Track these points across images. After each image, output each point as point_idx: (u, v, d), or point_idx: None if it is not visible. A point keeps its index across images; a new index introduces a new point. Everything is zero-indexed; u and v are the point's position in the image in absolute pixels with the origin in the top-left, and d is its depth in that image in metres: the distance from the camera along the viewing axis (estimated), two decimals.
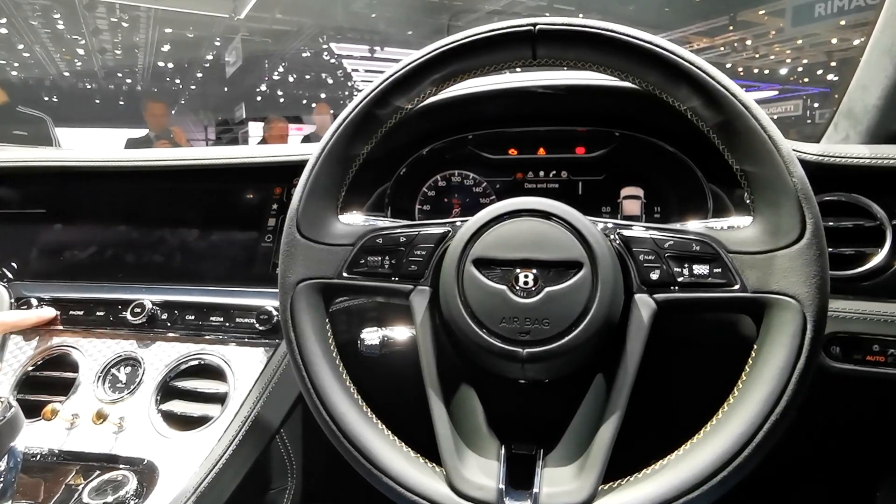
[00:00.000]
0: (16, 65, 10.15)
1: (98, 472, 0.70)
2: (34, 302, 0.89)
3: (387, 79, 0.59)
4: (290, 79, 12.22)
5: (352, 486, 0.68)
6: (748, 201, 0.54)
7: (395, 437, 0.56)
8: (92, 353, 0.85)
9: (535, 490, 0.50)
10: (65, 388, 0.82)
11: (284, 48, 10.45)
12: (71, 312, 0.88)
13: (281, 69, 11.67)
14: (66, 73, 11.57)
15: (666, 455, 0.51)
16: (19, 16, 8.35)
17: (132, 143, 3.96)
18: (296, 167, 0.62)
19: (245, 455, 0.76)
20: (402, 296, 0.57)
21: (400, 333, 0.71)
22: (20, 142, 2.67)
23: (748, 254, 0.51)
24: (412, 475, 0.52)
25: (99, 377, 0.82)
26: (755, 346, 0.51)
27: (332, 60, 11.10)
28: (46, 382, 0.83)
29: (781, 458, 0.58)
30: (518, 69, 0.61)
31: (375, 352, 0.70)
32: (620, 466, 0.52)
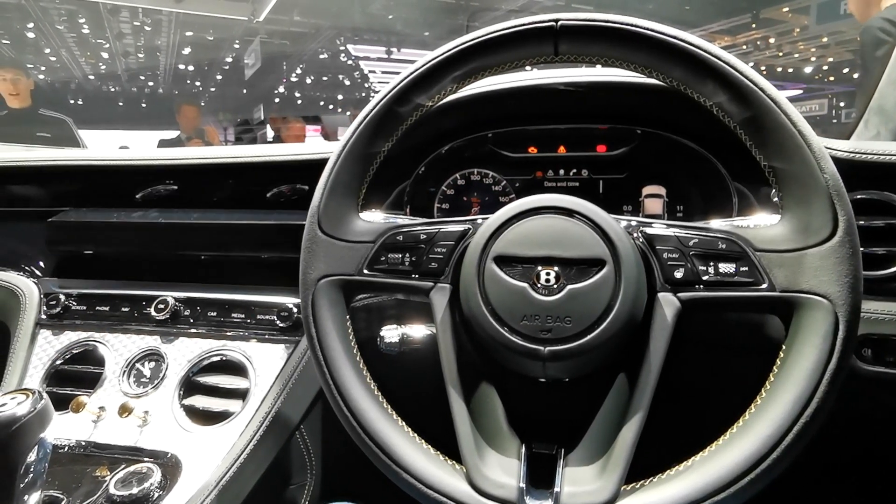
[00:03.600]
0: (43, 68, 10.43)
1: (124, 464, 0.71)
2: (62, 297, 0.91)
3: (408, 76, 0.59)
4: (308, 80, 12.35)
5: (371, 483, 0.69)
6: (776, 199, 0.53)
7: (416, 435, 0.56)
8: (117, 347, 0.86)
9: (557, 489, 0.50)
10: (91, 381, 0.83)
11: (302, 50, 10.57)
12: (97, 308, 0.90)
13: (299, 71, 11.81)
14: (91, 77, 11.86)
15: (690, 457, 0.50)
16: (46, 21, 8.58)
17: (164, 145, 4.09)
18: (317, 165, 0.62)
19: (266, 450, 0.77)
20: (422, 293, 0.57)
21: (419, 331, 0.71)
22: (44, 143, 2.75)
23: (777, 252, 0.50)
24: (433, 472, 0.52)
25: (124, 372, 0.84)
26: (783, 347, 0.50)
27: (349, 62, 11.19)
28: (74, 376, 0.85)
29: (810, 462, 0.57)
30: (539, 66, 0.61)
31: (395, 349, 0.71)
32: (643, 467, 0.51)
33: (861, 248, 0.49)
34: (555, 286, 0.51)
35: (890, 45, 1.79)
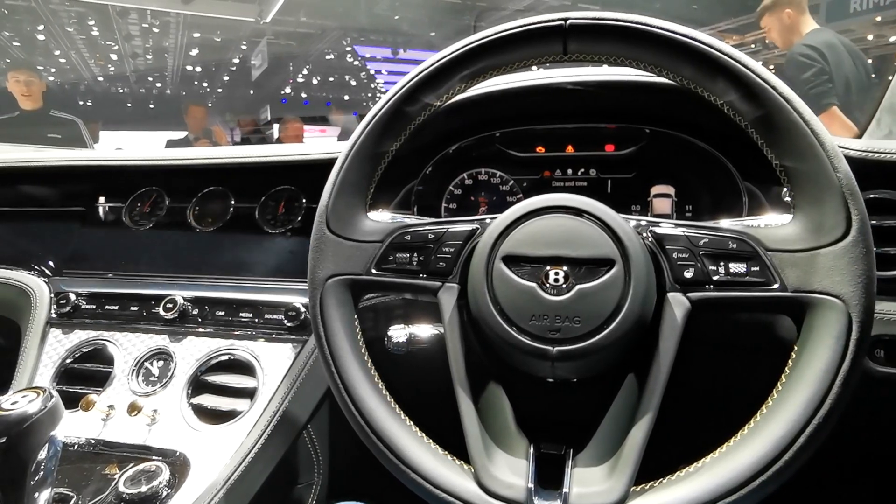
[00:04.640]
0: (53, 70, 10.53)
1: (133, 462, 0.72)
2: (72, 296, 0.91)
3: (416, 75, 0.59)
4: (314, 81, 12.39)
5: (379, 483, 0.69)
6: (788, 198, 0.52)
7: (423, 434, 0.55)
8: (126, 346, 0.87)
9: (565, 490, 0.49)
10: (101, 380, 0.84)
11: (309, 51, 10.61)
12: (107, 307, 0.91)
13: (305, 71, 11.85)
14: (100, 78, 11.96)
15: (700, 457, 0.49)
16: (56, 23, 8.66)
17: (172, 145, 4.13)
18: (325, 165, 0.62)
19: (273, 449, 0.77)
20: (430, 293, 0.57)
21: (427, 331, 0.71)
22: (54, 144, 2.77)
23: (789, 252, 0.49)
24: (441, 472, 0.52)
25: (133, 370, 0.84)
26: (795, 348, 0.49)
27: (356, 62, 11.22)
28: (84, 374, 0.86)
29: (821, 463, 0.56)
30: (547, 66, 0.61)
31: (402, 349, 0.70)
32: (653, 468, 0.51)
33: (874, 248, 0.48)
34: (563, 286, 0.50)
35: (816, 68, 1.85)
